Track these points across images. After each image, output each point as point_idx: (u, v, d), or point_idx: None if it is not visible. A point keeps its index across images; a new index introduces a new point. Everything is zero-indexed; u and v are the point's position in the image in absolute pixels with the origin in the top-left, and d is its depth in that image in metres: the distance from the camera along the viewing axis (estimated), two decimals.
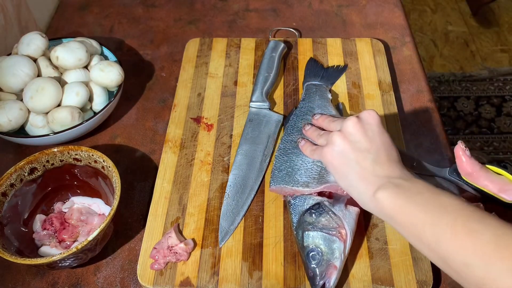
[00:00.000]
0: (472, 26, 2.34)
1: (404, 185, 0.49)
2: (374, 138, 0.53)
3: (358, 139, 0.54)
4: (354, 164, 0.53)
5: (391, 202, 0.48)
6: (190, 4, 1.00)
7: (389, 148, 0.53)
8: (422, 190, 0.48)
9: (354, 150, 0.53)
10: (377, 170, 0.51)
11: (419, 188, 0.49)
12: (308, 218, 0.57)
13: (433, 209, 0.46)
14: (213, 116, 0.75)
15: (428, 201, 0.47)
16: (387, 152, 0.53)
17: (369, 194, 0.50)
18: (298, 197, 0.60)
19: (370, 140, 0.53)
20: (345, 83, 0.79)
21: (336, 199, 0.59)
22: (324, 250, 0.55)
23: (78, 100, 0.71)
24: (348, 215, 0.57)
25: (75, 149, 0.63)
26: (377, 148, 0.53)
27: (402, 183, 0.49)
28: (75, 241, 0.62)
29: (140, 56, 0.89)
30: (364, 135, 0.53)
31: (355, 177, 0.52)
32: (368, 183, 0.51)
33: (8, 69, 0.71)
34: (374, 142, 0.53)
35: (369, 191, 0.51)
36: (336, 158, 0.54)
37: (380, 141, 0.53)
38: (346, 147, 0.54)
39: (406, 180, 0.50)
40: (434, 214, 0.45)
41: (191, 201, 0.65)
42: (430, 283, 0.57)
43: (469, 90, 2.06)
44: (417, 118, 0.77)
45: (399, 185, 0.49)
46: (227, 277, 0.58)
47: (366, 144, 0.53)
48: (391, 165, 0.52)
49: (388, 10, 0.97)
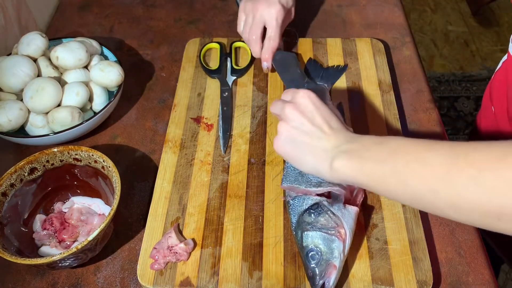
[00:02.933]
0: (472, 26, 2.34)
1: (353, 148, 0.51)
2: (313, 116, 0.55)
3: (300, 122, 0.55)
4: (305, 146, 0.54)
5: (348, 168, 0.50)
6: (190, 4, 1.00)
7: (329, 118, 0.55)
8: (369, 145, 0.50)
9: (300, 134, 0.55)
10: (325, 144, 0.53)
11: (366, 145, 0.50)
12: (307, 218, 0.57)
13: (386, 158, 0.47)
14: (213, 116, 0.75)
15: (378, 153, 0.48)
16: (329, 123, 0.55)
17: (327, 169, 0.52)
18: (297, 197, 0.60)
19: (310, 119, 0.55)
20: (345, 83, 0.79)
21: (335, 198, 0.59)
22: (323, 249, 0.55)
23: (78, 100, 0.71)
24: (347, 214, 0.57)
25: (75, 149, 0.63)
26: (319, 124, 0.54)
27: (350, 147, 0.51)
28: (75, 241, 0.62)
29: (140, 56, 0.89)
30: (304, 116, 0.55)
31: (310, 158, 0.54)
32: (322, 160, 0.53)
33: (8, 69, 0.71)
34: (315, 119, 0.55)
35: (325, 166, 0.52)
36: (286, 146, 0.56)
37: (320, 116, 0.55)
38: (292, 132, 0.55)
39: (352, 142, 0.52)
40: (389, 163, 0.47)
41: (191, 201, 0.65)
42: (430, 283, 0.57)
43: (469, 90, 2.06)
44: (417, 118, 0.77)
45: (348, 150, 0.51)
46: (227, 277, 0.58)
47: (309, 125, 0.55)
48: (335, 134, 0.54)
49: (388, 10, 0.97)
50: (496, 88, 0.80)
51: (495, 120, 0.80)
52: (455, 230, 0.64)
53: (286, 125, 0.56)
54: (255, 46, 0.78)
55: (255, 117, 0.75)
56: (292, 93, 0.58)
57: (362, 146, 0.51)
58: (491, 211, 0.40)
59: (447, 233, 0.64)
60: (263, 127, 0.74)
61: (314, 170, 0.55)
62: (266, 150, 0.71)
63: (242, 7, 0.79)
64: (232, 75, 0.81)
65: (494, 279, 0.60)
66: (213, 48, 0.86)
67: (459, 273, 0.60)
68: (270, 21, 0.76)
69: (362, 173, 0.49)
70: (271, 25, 0.76)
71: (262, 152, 0.70)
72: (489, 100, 0.82)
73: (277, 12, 0.75)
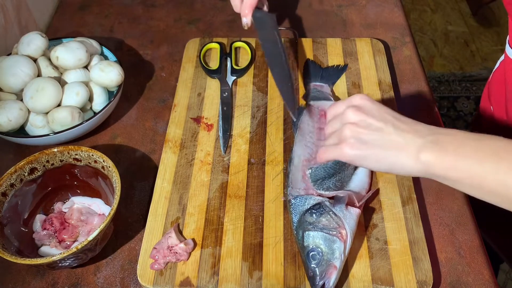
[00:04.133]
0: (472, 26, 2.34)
1: (443, 140, 0.49)
2: (380, 113, 0.53)
3: (368, 122, 0.53)
4: (381, 142, 0.51)
5: (440, 161, 0.48)
6: (190, 4, 1.00)
7: (395, 114, 0.53)
8: (463, 140, 0.48)
9: (372, 132, 0.52)
10: (405, 136, 0.51)
11: (459, 139, 0.48)
12: (308, 218, 0.57)
13: (487, 158, 0.46)
14: (213, 116, 0.75)
15: (476, 151, 0.47)
16: (398, 118, 0.52)
17: (413, 161, 0.50)
18: (298, 197, 0.60)
19: (378, 118, 0.53)
20: (345, 83, 0.79)
21: (337, 199, 0.59)
22: (324, 250, 0.55)
23: (78, 100, 0.71)
24: (349, 215, 0.57)
25: (75, 149, 0.63)
26: (389, 119, 0.52)
27: (441, 139, 0.49)
28: (75, 241, 0.62)
29: (140, 56, 0.89)
30: (370, 116, 0.53)
31: (389, 153, 0.51)
32: (406, 152, 0.50)
33: (8, 69, 0.71)
34: (383, 116, 0.53)
35: (411, 158, 0.50)
36: (359, 148, 0.52)
37: (386, 113, 0.53)
38: (361, 132, 0.52)
39: (441, 134, 0.49)
40: (491, 164, 0.45)
41: (191, 201, 0.65)
42: (430, 283, 0.57)
43: (469, 90, 2.06)
44: (417, 118, 0.77)
45: (437, 141, 0.49)
46: (227, 277, 0.58)
47: (378, 122, 0.52)
48: (412, 127, 0.51)
49: (388, 10, 0.97)
50: (494, 88, 0.80)
51: (493, 120, 0.80)
52: (455, 230, 0.64)
53: (354, 127, 0.53)
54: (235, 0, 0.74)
55: (255, 117, 0.75)
56: (345, 102, 0.55)
57: (455, 139, 0.48)
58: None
59: (447, 233, 0.64)
60: (263, 127, 0.74)
61: (395, 166, 0.51)
62: (266, 150, 0.71)
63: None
64: (232, 75, 0.81)
65: (494, 279, 0.60)
66: (213, 48, 0.86)
67: (459, 273, 0.60)
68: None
69: (455, 169, 0.47)
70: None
71: (262, 152, 0.70)
72: (488, 100, 0.82)
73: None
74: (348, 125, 0.53)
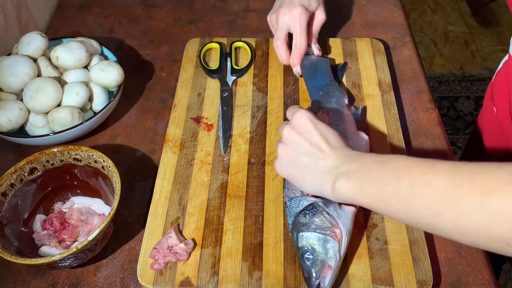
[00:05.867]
0: (472, 26, 2.34)
1: (353, 169, 0.50)
2: (311, 136, 0.54)
3: (298, 143, 0.55)
4: (305, 168, 0.54)
5: (350, 189, 0.50)
6: (190, 4, 1.00)
7: (328, 136, 0.54)
8: (369, 164, 0.49)
9: (300, 155, 0.55)
10: (325, 165, 0.53)
11: (366, 164, 0.50)
12: (302, 219, 0.57)
13: (388, 179, 0.47)
14: (213, 116, 0.75)
15: (380, 173, 0.48)
16: (327, 142, 0.54)
17: (329, 190, 0.52)
18: (293, 199, 0.60)
19: (309, 139, 0.54)
20: (345, 83, 0.79)
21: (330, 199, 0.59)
22: (318, 250, 0.54)
23: (78, 100, 0.71)
24: (343, 214, 0.57)
25: (75, 149, 0.63)
26: (317, 143, 0.54)
27: (350, 168, 0.51)
28: (75, 241, 0.62)
29: (140, 56, 0.89)
30: (302, 137, 0.55)
31: (312, 179, 0.54)
32: (323, 181, 0.53)
33: (8, 69, 0.71)
34: (313, 139, 0.54)
35: (327, 188, 0.52)
36: (287, 169, 0.56)
37: (318, 135, 0.54)
38: (291, 154, 0.55)
39: (352, 162, 0.51)
40: (391, 184, 0.46)
41: (191, 201, 0.65)
42: (430, 283, 0.57)
43: (469, 90, 2.06)
44: (417, 118, 0.77)
45: (348, 171, 0.50)
46: (227, 277, 0.58)
47: (307, 145, 0.54)
48: (334, 154, 0.53)
49: (388, 10, 0.97)
50: (497, 89, 0.80)
51: (497, 121, 0.79)
52: None
53: (285, 147, 0.56)
54: (280, 52, 0.76)
55: (255, 117, 0.75)
56: (292, 112, 0.57)
57: (362, 165, 0.50)
58: (498, 235, 0.39)
59: None
60: (263, 127, 0.74)
61: (316, 191, 0.55)
62: (266, 150, 0.71)
63: (269, 20, 0.79)
64: (232, 75, 0.81)
65: (494, 279, 0.60)
66: (213, 48, 0.86)
67: (459, 273, 0.60)
68: (293, 26, 0.74)
69: (363, 194, 0.49)
70: (294, 30, 0.74)
71: (262, 152, 0.70)
72: (491, 100, 0.82)
73: (298, 15, 0.73)
74: (281, 145, 0.57)
